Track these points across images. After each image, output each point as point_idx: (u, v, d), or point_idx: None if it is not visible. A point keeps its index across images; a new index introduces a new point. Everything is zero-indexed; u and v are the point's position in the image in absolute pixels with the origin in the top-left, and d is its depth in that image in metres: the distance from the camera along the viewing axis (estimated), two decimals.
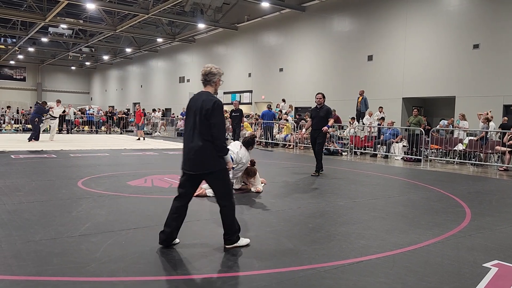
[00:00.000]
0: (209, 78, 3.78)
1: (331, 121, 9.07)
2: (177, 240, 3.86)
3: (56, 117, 17.37)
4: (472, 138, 12.41)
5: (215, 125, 3.60)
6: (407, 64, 17.23)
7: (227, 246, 3.77)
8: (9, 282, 2.88)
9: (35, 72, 48.60)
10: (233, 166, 6.19)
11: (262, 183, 7.15)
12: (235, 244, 3.78)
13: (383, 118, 15.28)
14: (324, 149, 10.00)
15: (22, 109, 29.15)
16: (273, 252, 3.71)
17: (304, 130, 10.84)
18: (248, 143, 6.60)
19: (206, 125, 3.61)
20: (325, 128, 8.75)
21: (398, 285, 3.07)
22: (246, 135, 19.10)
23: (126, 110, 28.30)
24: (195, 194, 5.67)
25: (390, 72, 17.83)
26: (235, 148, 6.43)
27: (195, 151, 3.65)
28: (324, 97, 9.04)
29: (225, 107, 25.93)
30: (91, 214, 4.83)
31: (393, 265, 3.47)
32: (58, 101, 18.57)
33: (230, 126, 14.38)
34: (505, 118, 12.93)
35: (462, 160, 12.17)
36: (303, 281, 3.08)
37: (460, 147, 12.57)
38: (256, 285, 2.98)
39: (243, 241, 3.85)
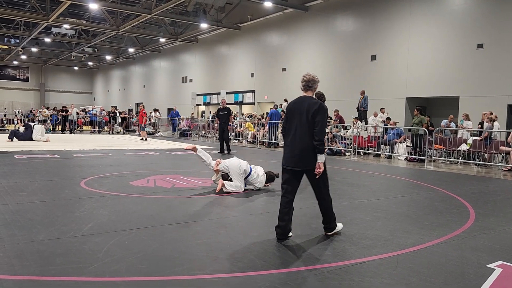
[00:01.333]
0: (311, 84, 4.23)
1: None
2: (290, 234, 4.17)
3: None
4: (476, 138, 12.36)
5: (319, 123, 4.00)
6: (411, 64, 17.18)
7: (328, 234, 4.28)
8: (12, 282, 2.89)
9: (38, 72, 48.76)
10: (246, 179, 6.73)
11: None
12: (334, 231, 4.28)
13: (389, 119, 15.20)
14: (326, 149, 10.00)
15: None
16: (276, 253, 3.70)
17: None
18: (270, 179, 7.11)
19: (312, 125, 4.00)
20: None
21: (402, 285, 3.05)
22: (248, 136, 19.16)
23: (113, 109, 27.93)
24: (217, 190, 5.86)
25: (394, 72, 17.79)
26: (260, 171, 6.95)
27: (300, 150, 4.03)
28: (322, 96, 8.89)
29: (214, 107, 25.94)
30: (93, 214, 4.83)
31: (396, 266, 3.45)
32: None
33: (216, 125, 14.08)
34: None
35: (466, 160, 12.12)
36: (306, 282, 3.07)
37: (464, 147, 12.52)
38: (259, 286, 2.96)
39: (339, 226, 4.36)
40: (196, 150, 6.75)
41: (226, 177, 6.71)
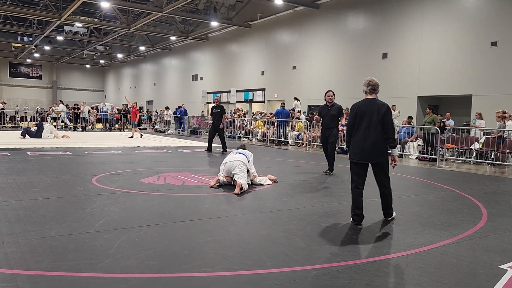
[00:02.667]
0: (376, 88, 4.81)
1: (343, 120, 8.81)
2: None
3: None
4: (488, 137, 12.21)
5: (389, 122, 4.65)
6: (423, 62, 17.00)
7: (388, 219, 4.89)
8: (25, 277, 2.93)
9: (50, 70, 49.31)
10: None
11: (273, 180, 7.29)
12: (392, 216, 4.92)
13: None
14: (337, 147, 9.92)
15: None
16: (286, 251, 3.70)
17: (315, 123, 10.53)
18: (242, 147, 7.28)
19: (380, 124, 4.62)
20: (341, 128, 8.58)
21: (412, 285, 3.03)
22: (258, 134, 19.17)
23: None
24: (236, 192, 6.01)
25: (406, 70, 17.62)
26: (243, 153, 6.99)
27: (371, 145, 4.63)
28: (334, 94, 8.78)
29: (210, 105, 25.87)
30: (105, 211, 4.88)
31: (407, 266, 3.43)
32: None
33: (211, 122, 13.46)
34: None
35: (478, 160, 11.98)
36: (316, 280, 3.06)
37: (476, 146, 12.37)
38: (268, 284, 2.97)
39: (394, 213, 4.95)
40: (242, 189, 6.39)
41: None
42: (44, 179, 6.95)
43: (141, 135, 18.89)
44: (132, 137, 18.23)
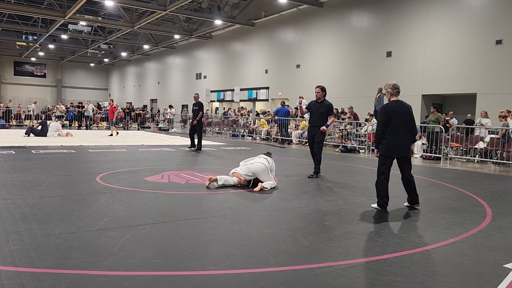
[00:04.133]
0: (399, 90, 5.48)
1: (331, 119, 8.10)
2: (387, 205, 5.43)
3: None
4: (493, 136, 12.15)
5: (414, 121, 5.46)
6: (427, 60, 16.93)
7: (416, 206, 5.52)
8: (30, 274, 2.95)
9: (55, 68, 49.49)
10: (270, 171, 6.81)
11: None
12: (418, 203, 5.56)
13: None
14: (341, 146, 9.85)
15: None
16: (289, 250, 3.70)
17: (298, 106, 9.73)
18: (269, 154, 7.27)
19: (409, 123, 5.39)
20: (323, 128, 7.95)
21: (416, 284, 3.02)
22: (261, 132, 19.16)
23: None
24: (256, 189, 6.29)
25: (410, 68, 17.56)
26: (267, 159, 6.92)
27: (403, 141, 5.37)
28: (323, 90, 8.09)
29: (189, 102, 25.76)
30: (109, 209, 4.90)
31: (411, 264, 3.42)
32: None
33: (190, 121, 13.17)
34: None
35: (483, 159, 11.92)
36: (319, 279, 3.06)
37: (481, 145, 12.32)
38: (272, 282, 2.97)
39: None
40: (217, 180, 6.55)
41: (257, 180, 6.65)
42: (48, 177, 6.98)
43: (117, 133, 18.48)
44: (111, 135, 18.12)
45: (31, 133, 16.11)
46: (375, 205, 5.45)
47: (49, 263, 3.17)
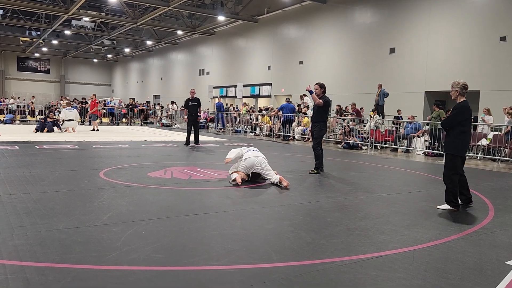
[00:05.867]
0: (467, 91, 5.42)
1: (317, 100, 7.85)
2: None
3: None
4: (496, 133, 12.11)
5: None
6: (430, 57, 16.87)
7: (470, 204, 5.56)
8: (34, 269, 2.97)
9: (58, 64, 49.57)
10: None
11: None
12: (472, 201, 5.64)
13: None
14: (343, 143, 9.82)
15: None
16: (292, 245, 3.71)
17: (310, 126, 9.69)
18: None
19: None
20: (307, 86, 7.78)
21: (418, 281, 3.03)
22: (264, 129, 19.15)
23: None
24: (286, 185, 6.36)
25: (413, 65, 17.49)
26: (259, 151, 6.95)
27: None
28: (322, 87, 8.02)
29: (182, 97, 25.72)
30: (112, 204, 4.92)
31: (412, 261, 3.43)
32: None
33: (186, 117, 13.06)
34: None
35: (486, 156, 11.89)
36: (321, 275, 3.08)
37: (484, 142, 12.28)
38: (274, 278, 2.99)
39: None
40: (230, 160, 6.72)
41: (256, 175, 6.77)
42: (52, 172, 7.01)
43: (97, 129, 18.14)
44: (94, 130, 17.84)
45: (42, 128, 15.85)
46: (445, 207, 5.32)
47: (53, 257, 3.19)
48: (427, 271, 3.22)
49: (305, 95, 19.94)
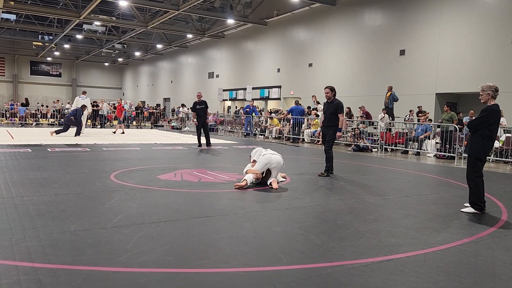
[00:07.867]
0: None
1: (340, 118, 8.07)
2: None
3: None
4: (509, 135, 11.95)
5: None
6: (441, 58, 16.72)
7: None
8: (46, 270, 3.01)
9: (70, 68, 50.14)
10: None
11: (284, 177, 7.39)
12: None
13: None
14: (353, 145, 9.79)
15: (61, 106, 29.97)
16: (301, 248, 3.70)
17: (318, 129, 10.03)
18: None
19: None
20: (338, 134, 8.13)
21: (429, 284, 3.00)
22: (273, 131, 19.15)
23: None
24: (275, 187, 6.39)
25: (423, 67, 17.35)
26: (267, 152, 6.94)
27: None
28: (333, 90, 8.22)
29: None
30: (123, 207, 4.96)
31: (423, 264, 3.40)
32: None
33: (195, 120, 13.26)
34: None
35: (498, 158, 11.74)
36: (331, 278, 3.06)
37: (496, 144, 12.12)
38: (283, 280, 2.98)
39: None
40: (247, 184, 6.54)
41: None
42: (64, 175, 7.09)
43: (123, 132, 18.67)
44: (115, 132, 18.46)
45: (66, 128, 15.74)
46: (469, 210, 5.27)
47: (64, 259, 3.23)
48: (439, 274, 3.19)
49: (318, 102, 19.60)
